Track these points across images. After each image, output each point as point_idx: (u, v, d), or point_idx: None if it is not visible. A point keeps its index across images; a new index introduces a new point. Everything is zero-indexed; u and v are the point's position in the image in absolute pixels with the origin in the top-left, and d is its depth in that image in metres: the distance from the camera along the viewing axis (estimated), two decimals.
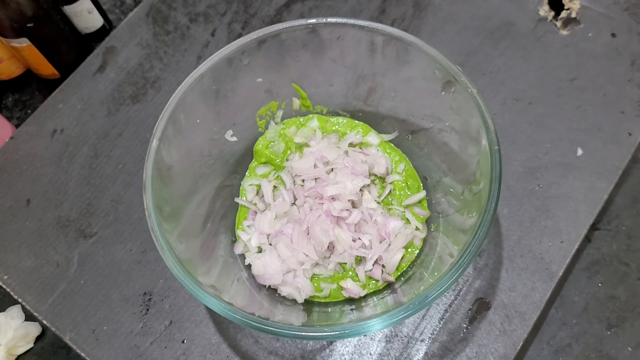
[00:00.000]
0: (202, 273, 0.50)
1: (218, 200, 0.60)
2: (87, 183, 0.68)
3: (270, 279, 0.56)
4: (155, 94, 0.74)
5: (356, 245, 0.57)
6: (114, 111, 0.73)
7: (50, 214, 0.67)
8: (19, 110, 0.83)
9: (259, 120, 0.63)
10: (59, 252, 0.65)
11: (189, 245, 0.52)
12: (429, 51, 0.53)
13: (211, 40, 0.77)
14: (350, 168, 0.59)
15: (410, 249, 0.58)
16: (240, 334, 0.59)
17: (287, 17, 0.78)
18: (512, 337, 0.57)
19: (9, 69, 0.81)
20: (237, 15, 0.79)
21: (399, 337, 0.58)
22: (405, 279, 0.57)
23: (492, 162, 0.47)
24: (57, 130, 0.72)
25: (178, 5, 0.80)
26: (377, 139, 0.64)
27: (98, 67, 0.76)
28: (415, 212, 0.60)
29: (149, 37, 0.78)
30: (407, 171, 0.63)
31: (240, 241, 0.60)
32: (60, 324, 0.61)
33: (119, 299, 0.62)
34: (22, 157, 0.71)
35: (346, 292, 0.57)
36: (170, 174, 0.53)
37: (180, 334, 0.60)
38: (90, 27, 0.83)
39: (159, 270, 0.63)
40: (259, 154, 0.64)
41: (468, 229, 0.48)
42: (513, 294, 0.59)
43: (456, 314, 0.58)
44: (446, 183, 0.59)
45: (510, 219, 0.62)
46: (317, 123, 0.65)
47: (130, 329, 0.60)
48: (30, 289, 0.63)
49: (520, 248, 0.61)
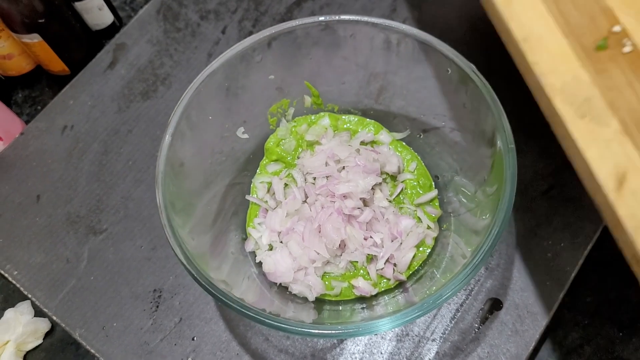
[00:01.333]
0: (213, 269, 0.50)
1: (229, 197, 0.60)
2: (97, 179, 0.68)
3: (282, 277, 0.56)
4: (165, 91, 0.74)
5: (368, 244, 0.57)
6: (124, 108, 0.73)
7: (60, 210, 0.67)
8: (28, 106, 0.83)
9: (270, 118, 0.63)
10: (69, 248, 0.65)
11: (200, 241, 0.52)
12: (443, 49, 0.53)
13: (222, 38, 0.77)
14: (362, 166, 0.59)
15: (422, 248, 0.58)
16: (250, 332, 0.59)
17: (297, 14, 0.78)
18: (524, 337, 0.57)
19: (19, 65, 0.81)
20: (248, 12, 0.79)
21: (410, 336, 0.58)
22: (416, 278, 0.57)
23: (507, 161, 0.47)
24: (67, 127, 0.72)
25: (189, 3, 0.80)
26: (388, 137, 0.64)
27: (108, 64, 0.76)
28: (427, 211, 0.60)
29: (159, 34, 0.78)
30: (418, 170, 0.63)
31: (251, 238, 0.60)
32: (69, 320, 0.61)
33: (129, 296, 0.62)
34: (32, 153, 0.71)
35: (357, 291, 0.56)
36: (182, 170, 0.53)
37: (190, 331, 0.59)
38: (100, 24, 0.83)
39: (169, 267, 0.63)
40: (270, 152, 0.63)
41: (481, 229, 0.48)
42: (525, 294, 0.58)
43: (468, 314, 0.58)
44: (458, 182, 0.59)
45: (522, 218, 0.62)
46: (328, 121, 0.65)
47: (140, 325, 0.60)
48: (40, 284, 0.63)
49: (532, 247, 0.61)
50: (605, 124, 0.38)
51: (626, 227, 0.34)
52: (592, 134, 0.38)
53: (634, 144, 0.37)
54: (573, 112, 0.39)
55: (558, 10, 0.43)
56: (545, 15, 0.43)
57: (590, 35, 0.42)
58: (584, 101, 0.39)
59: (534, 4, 0.44)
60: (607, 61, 0.41)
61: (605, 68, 0.40)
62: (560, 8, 0.43)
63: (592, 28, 0.42)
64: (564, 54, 0.41)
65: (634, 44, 0.41)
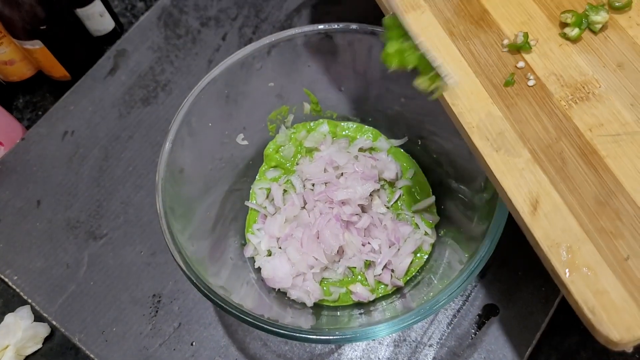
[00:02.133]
0: (212, 274, 0.50)
1: (228, 203, 0.61)
2: (97, 185, 0.69)
3: (280, 282, 0.56)
4: (166, 97, 0.74)
5: (365, 250, 0.57)
6: (124, 114, 0.73)
7: (61, 215, 0.67)
8: (29, 111, 0.84)
9: (269, 124, 0.64)
10: (69, 254, 0.65)
11: (199, 247, 0.53)
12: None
13: (222, 45, 0.78)
14: (360, 173, 0.59)
15: (419, 254, 0.59)
16: (249, 337, 0.59)
17: (297, 22, 0.79)
18: (521, 343, 0.57)
19: (21, 70, 0.81)
20: (248, 19, 0.79)
21: (407, 341, 0.58)
22: (414, 284, 0.57)
23: None
24: (68, 132, 0.73)
25: (189, 9, 0.80)
26: (386, 144, 0.64)
27: (109, 70, 0.76)
28: (424, 217, 0.61)
29: (160, 40, 0.78)
30: (416, 176, 0.63)
31: (250, 244, 0.60)
32: (69, 325, 0.61)
33: (128, 301, 0.62)
34: (33, 159, 0.71)
35: (355, 296, 0.57)
36: (181, 176, 0.53)
37: (189, 336, 0.60)
38: (101, 30, 0.83)
39: (168, 272, 0.63)
40: (269, 158, 0.64)
41: (478, 236, 0.49)
42: (522, 299, 0.59)
43: (465, 319, 0.59)
44: (455, 189, 0.59)
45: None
46: (327, 128, 0.65)
47: (139, 330, 0.60)
48: (40, 289, 0.63)
49: (529, 253, 0.61)
50: (517, 155, 0.41)
51: (542, 246, 0.38)
52: (507, 164, 0.41)
53: (543, 169, 0.40)
54: (489, 146, 0.42)
55: (469, 51, 0.46)
56: (459, 56, 0.46)
57: (498, 72, 0.45)
58: (498, 135, 0.42)
59: (448, 47, 0.47)
60: (514, 95, 0.44)
61: (514, 102, 0.43)
62: (470, 49, 0.46)
63: (499, 65, 0.45)
64: (478, 92, 0.44)
65: (537, 77, 0.44)
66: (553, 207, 0.39)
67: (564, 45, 0.46)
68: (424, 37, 0.46)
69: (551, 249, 0.38)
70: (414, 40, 0.45)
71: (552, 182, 0.40)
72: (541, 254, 0.39)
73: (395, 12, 0.47)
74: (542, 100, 0.43)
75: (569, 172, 0.40)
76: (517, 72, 0.45)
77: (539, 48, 0.46)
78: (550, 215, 0.39)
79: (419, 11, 0.49)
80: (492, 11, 0.48)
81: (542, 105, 0.43)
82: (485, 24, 0.48)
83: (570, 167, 0.40)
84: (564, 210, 0.39)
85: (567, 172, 0.40)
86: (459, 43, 0.47)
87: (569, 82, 0.44)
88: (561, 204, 0.39)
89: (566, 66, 0.44)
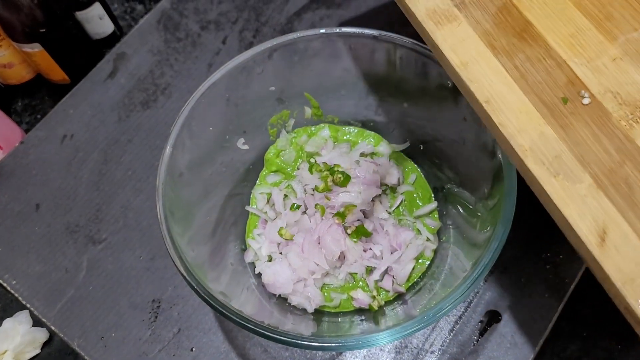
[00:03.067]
0: (212, 279, 0.50)
1: (228, 207, 0.60)
2: (96, 189, 0.68)
3: (281, 288, 0.56)
4: (165, 101, 0.74)
5: (367, 256, 0.57)
6: (124, 117, 0.73)
7: (60, 219, 0.67)
8: (28, 115, 0.84)
9: (270, 129, 0.63)
10: (68, 258, 0.65)
11: (199, 252, 0.52)
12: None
13: (222, 48, 0.77)
14: (362, 178, 0.59)
15: (421, 260, 0.58)
16: (249, 343, 0.59)
17: (298, 25, 0.78)
18: (523, 349, 0.57)
19: (20, 73, 0.81)
20: (249, 23, 0.79)
21: (409, 348, 0.58)
22: (415, 290, 0.57)
23: (508, 174, 0.47)
24: (67, 136, 0.72)
25: (189, 13, 0.80)
26: (388, 149, 0.64)
27: (109, 73, 0.76)
28: (426, 223, 0.60)
29: (159, 43, 0.78)
30: (418, 182, 0.63)
31: (251, 249, 0.60)
32: (68, 330, 0.61)
33: (127, 306, 0.62)
34: (32, 162, 0.71)
35: (356, 303, 0.56)
36: (181, 179, 0.53)
37: (188, 341, 0.59)
38: (101, 33, 0.83)
39: (167, 277, 0.63)
40: (269, 163, 0.63)
41: (481, 242, 0.48)
42: (524, 306, 0.58)
43: (467, 326, 0.58)
44: (458, 194, 0.59)
45: (522, 229, 0.62)
46: (328, 132, 0.65)
47: (138, 336, 0.60)
48: (39, 294, 0.63)
49: (532, 260, 0.61)
50: (578, 180, 0.38)
51: (615, 281, 0.34)
52: (567, 191, 0.37)
53: (609, 197, 0.37)
54: (546, 171, 0.38)
55: (514, 66, 0.43)
56: (503, 72, 0.43)
57: (549, 90, 0.42)
58: (555, 158, 0.39)
59: (489, 61, 0.43)
60: (569, 115, 0.40)
61: (569, 122, 0.40)
62: (515, 64, 0.43)
63: (549, 82, 0.42)
64: (528, 112, 0.41)
65: (592, 95, 0.41)
66: (623, 238, 0.35)
67: (618, 60, 0.42)
68: (462, 50, 0.43)
69: (625, 285, 0.34)
70: None
71: (619, 210, 0.36)
72: (613, 291, 0.35)
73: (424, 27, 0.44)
74: (600, 119, 0.39)
75: (637, 200, 0.36)
76: (570, 90, 0.41)
77: (592, 63, 0.42)
78: (621, 246, 0.35)
79: (455, 23, 0.45)
80: (535, 23, 0.45)
81: (601, 125, 0.39)
82: (529, 37, 0.44)
83: (638, 194, 0.36)
84: (636, 241, 0.35)
85: (634, 200, 0.36)
86: (502, 58, 0.43)
87: (627, 100, 0.40)
88: (631, 233, 0.35)
89: (622, 83, 0.41)
